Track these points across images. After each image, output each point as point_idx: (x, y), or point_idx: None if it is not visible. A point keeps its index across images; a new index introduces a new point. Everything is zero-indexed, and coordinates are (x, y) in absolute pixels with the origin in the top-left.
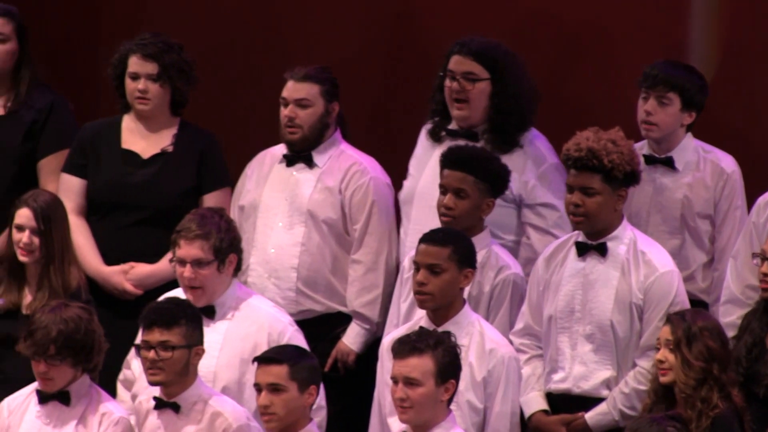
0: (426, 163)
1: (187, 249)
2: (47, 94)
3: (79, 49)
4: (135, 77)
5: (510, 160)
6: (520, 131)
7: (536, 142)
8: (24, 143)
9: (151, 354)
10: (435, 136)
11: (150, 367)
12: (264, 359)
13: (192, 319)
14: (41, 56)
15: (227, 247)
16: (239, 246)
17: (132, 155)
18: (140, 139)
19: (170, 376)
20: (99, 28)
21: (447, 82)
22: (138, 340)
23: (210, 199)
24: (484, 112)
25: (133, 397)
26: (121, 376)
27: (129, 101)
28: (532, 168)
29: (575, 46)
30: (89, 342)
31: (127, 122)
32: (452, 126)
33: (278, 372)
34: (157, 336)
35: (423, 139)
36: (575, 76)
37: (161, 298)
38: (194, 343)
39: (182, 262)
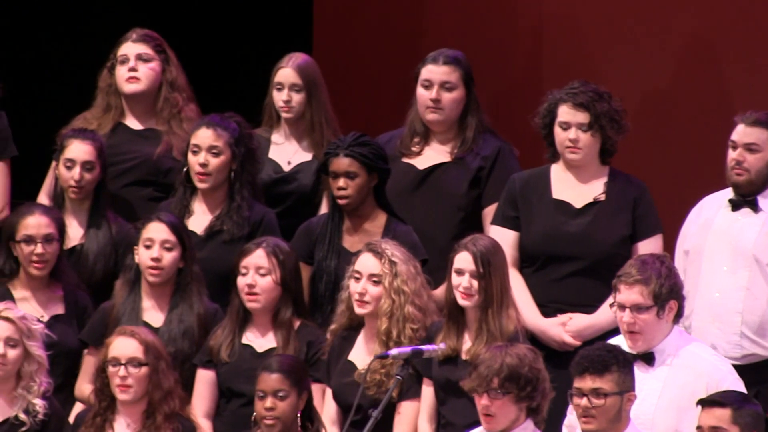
0: None
1: (627, 294)
2: (493, 141)
3: (525, 95)
4: (566, 127)
5: None
6: None
7: None
8: (470, 190)
9: (584, 401)
10: None
11: (583, 414)
12: (707, 402)
13: (624, 365)
14: (488, 103)
15: (667, 293)
16: (680, 293)
17: (564, 205)
18: (570, 189)
19: (603, 424)
20: (543, 75)
21: None
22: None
23: (643, 247)
24: None
25: None
26: (565, 422)
27: (559, 150)
28: None
29: None
30: (533, 379)
31: (557, 171)
32: None
33: (721, 415)
34: (588, 383)
35: None
36: None
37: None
38: (626, 390)
39: (622, 307)
